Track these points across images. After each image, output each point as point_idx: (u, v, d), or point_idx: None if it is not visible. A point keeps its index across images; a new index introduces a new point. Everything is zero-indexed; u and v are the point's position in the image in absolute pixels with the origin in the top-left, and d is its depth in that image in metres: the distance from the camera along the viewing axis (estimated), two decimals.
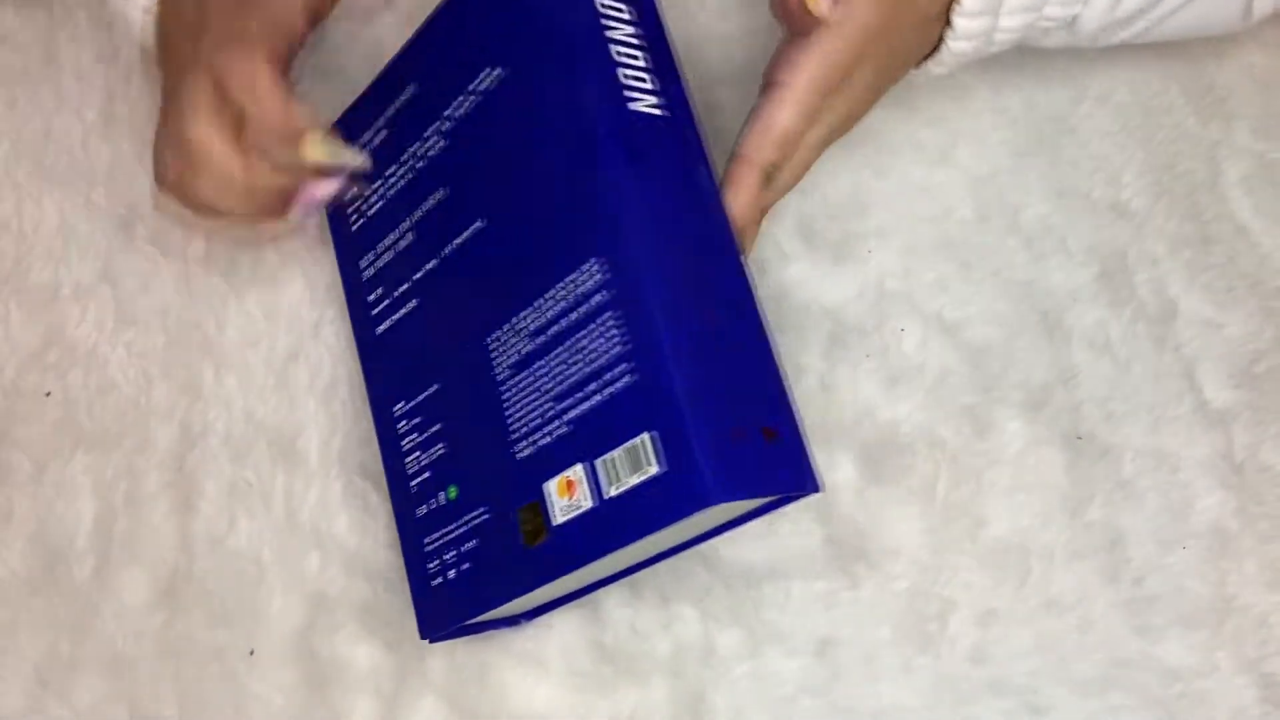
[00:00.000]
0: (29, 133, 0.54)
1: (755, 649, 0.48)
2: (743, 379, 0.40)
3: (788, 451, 0.40)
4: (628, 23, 0.44)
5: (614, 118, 0.41)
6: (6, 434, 0.51)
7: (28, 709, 0.48)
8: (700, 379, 0.39)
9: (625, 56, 0.43)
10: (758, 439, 0.39)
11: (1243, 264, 0.52)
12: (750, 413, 0.39)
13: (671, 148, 0.43)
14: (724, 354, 0.40)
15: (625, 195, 0.40)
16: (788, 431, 0.40)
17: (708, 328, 0.40)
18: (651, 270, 0.39)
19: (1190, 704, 0.48)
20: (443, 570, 0.45)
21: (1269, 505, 0.50)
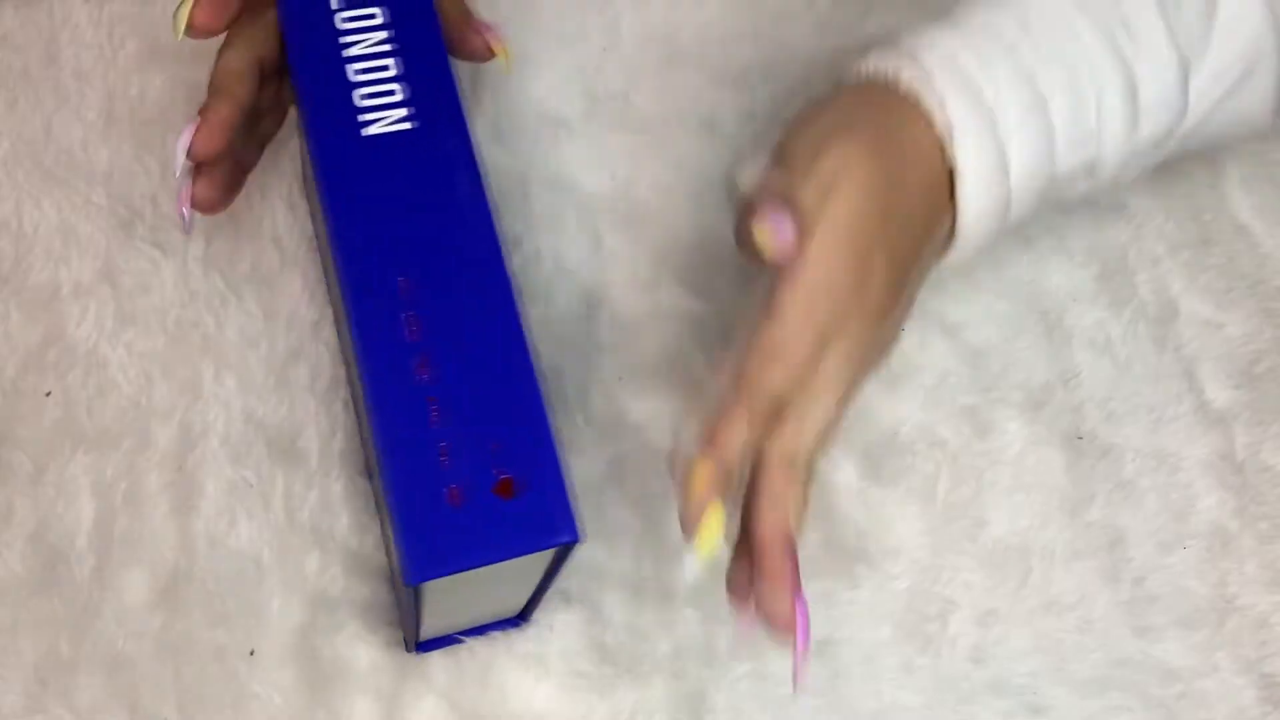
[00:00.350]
0: (29, 133, 0.54)
1: (755, 649, 0.48)
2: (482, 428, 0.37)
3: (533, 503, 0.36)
4: (378, 27, 0.42)
5: (337, 150, 0.40)
6: (6, 434, 0.51)
7: (27, 709, 0.48)
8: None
9: (366, 72, 0.42)
10: (486, 498, 0.36)
11: (1243, 264, 0.52)
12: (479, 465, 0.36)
13: (418, 161, 0.41)
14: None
15: (348, 228, 0.39)
16: (536, 479, 0.37)
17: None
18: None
19: (1190, 704, 0.48)
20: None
21: (1269, 505, 0.50)
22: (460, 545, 0.35)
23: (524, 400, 0.37)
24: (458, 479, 0.36)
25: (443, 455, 0.36)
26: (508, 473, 0.36)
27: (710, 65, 0.54)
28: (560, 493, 0.37)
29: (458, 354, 0.38)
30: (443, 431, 0.37)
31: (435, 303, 0.38)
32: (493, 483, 0.36)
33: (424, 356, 0.37)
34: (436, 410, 0.37)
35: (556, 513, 0.36)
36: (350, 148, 0.40)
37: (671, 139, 0.54)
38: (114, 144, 0.54)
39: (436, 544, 0.35)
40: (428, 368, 0.37)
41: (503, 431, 0.37)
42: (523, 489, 0.36)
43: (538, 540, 0.36)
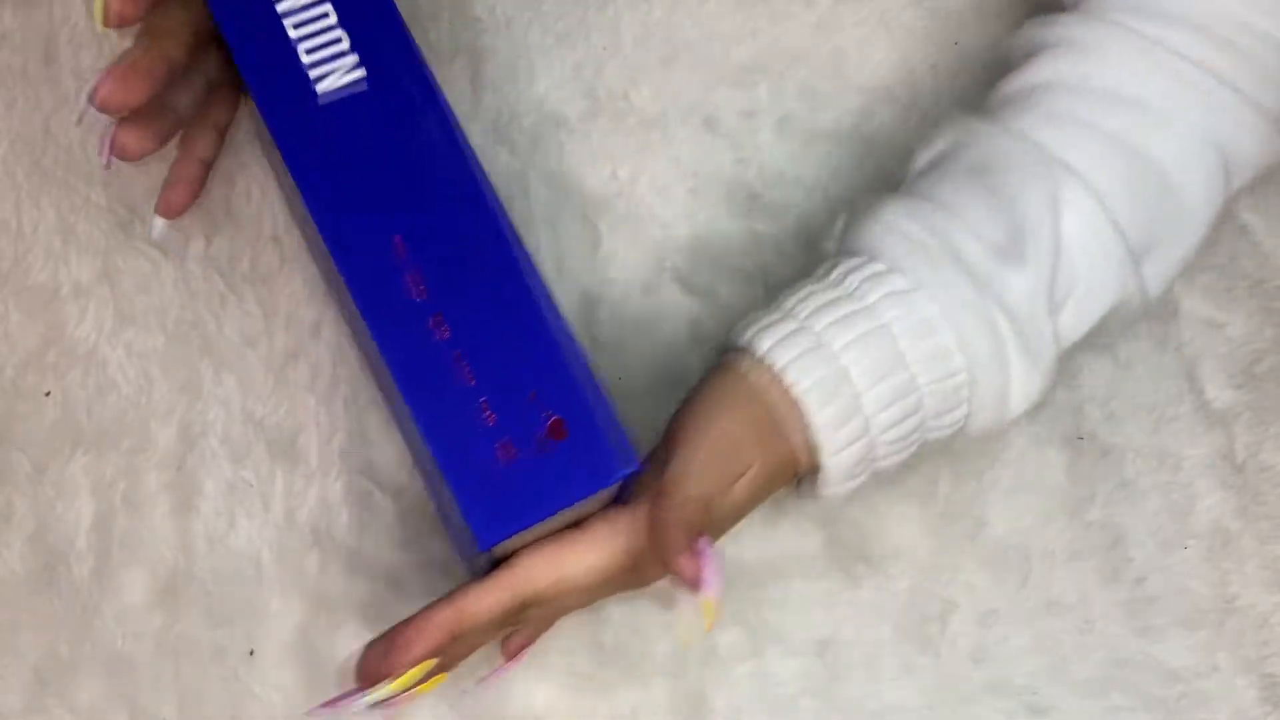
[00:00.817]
0: (28, 133, 0.54)
1: (756, 649, 0.48)
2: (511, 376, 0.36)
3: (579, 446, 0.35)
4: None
5: (292, 114, 0.38)
6: (6, 434, 0.51)
7: (27, 709, 0.48)
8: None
9: (308, 26, 0.39)
10: (539, 446, 0.35)
11: (1243, 264, 0.52)
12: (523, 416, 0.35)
13: (380, 114, 0.38)
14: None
15: (319, 194, 0.37)
16: (584, 416, 0.35)
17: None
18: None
19: (1191, 704, 0.48)
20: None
21: (1270, 505, 0.50)
22: (525, 499, 0.34)
23: (547, 340, 0.36)
24: (507, 432, 0.35)
25: (485, 411, 0.35)
26: (555, 414, 0.35)
27: (710, 65, 0.54)
28: (612, 425, 0.35)
29: (469, 304, 0.36)
30: (479, 388, 0.35)
31: (434, 256, 0.36)
32: (542, 428, 0.35)
33: (438, 314, 0.36)
34: (466, 367, 0.35)
35: (612, 447, 0.35)
36: (305, 110, 0.38)
37: (671, 138, 0.54)
38: None
39: (501, 503, 0.34)
40: (445, 325, 0.35)
41: (537, 375, 0.35)
42: (573, 427, 0.35)
43: (599, 479, 0.35)
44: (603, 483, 0.36)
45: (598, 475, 0.35)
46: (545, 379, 0.35)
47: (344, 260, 0.36)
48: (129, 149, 0.43)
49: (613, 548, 0.39)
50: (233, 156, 0.53)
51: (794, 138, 0.53)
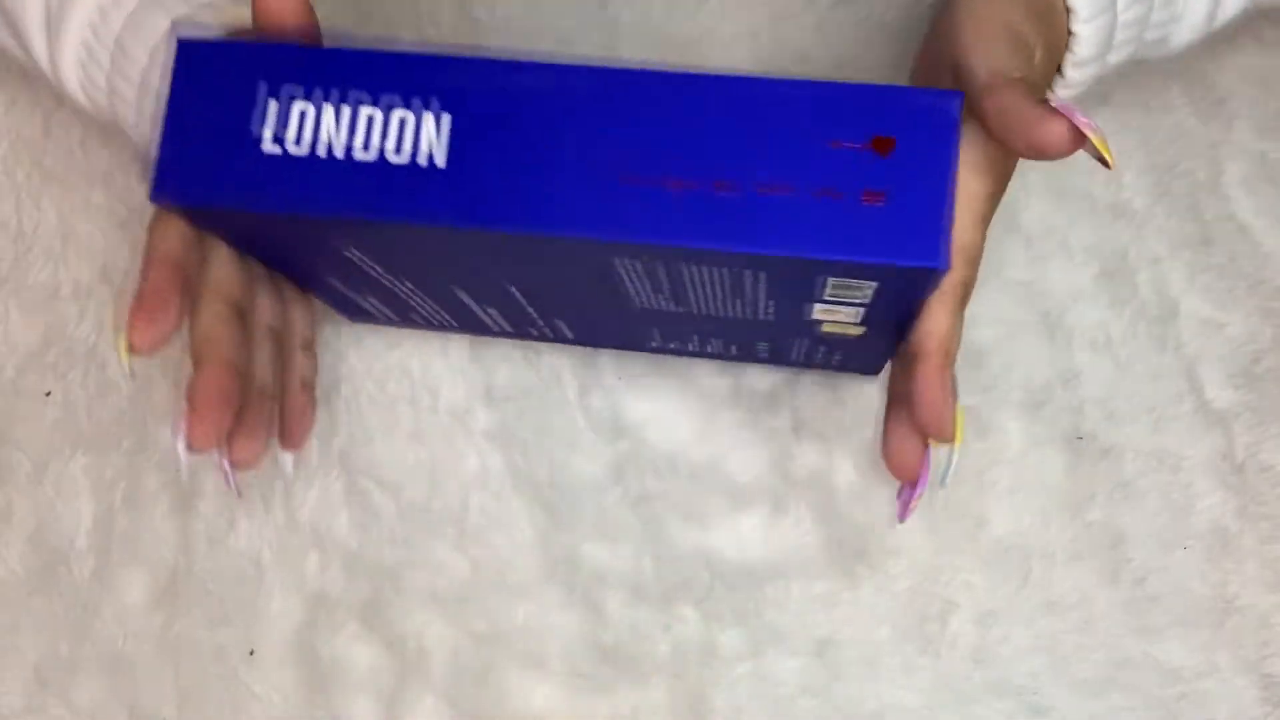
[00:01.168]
0: (29, 133, 0.54)
1: (755, 649, 0.48)
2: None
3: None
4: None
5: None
6: (6, 434, 0.51)
7: (27, 709, 0.48)
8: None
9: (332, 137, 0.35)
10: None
11: (1243, 264, 0.52)
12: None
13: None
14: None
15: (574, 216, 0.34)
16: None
17: None
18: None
19: (1191, 704, 0.48)
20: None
21: (1270, 505, 0.50)
22: (926, 199, 0.32)
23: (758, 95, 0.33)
24: (851, 185, 0.32)
25: (831, 195, 0.32)
26: (850, 140, 0.32)
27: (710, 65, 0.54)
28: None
29: (717, 148, 0.33)
30: (797, 185, 0.32)
31: (653, 142, 0.33)
32: (867, 153, 0.32)
33: (719, 181, 0.33)
34: (761, 189, 0.33)
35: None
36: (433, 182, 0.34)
37: None
38: (114, 144, 0.54)
39: (908, 232, 0.32)
40: (729, 181, 0.33)
41: (790, 133, 0.33)
42: (895, 133, 0.32)
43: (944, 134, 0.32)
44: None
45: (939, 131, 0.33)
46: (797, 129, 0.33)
47: (641, 228, 0.33)
48: (256, 455, 0.41)
49: (991, 177, 0.37)
50: None
51: None
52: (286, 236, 0.38)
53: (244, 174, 0.34)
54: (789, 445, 0.50)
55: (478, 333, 0.49)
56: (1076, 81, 0.42)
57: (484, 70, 0.34)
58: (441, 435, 0.50)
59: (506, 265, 0.38)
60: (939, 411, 0.36)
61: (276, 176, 0.34)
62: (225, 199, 0.35)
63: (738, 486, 0.50)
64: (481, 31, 0.55)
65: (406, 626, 0.49)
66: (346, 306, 0.47)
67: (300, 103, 0.34)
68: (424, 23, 0.55)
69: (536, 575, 0.49)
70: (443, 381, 0.51)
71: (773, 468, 0.50)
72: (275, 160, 0.34)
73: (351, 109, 0.34)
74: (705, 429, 0.50)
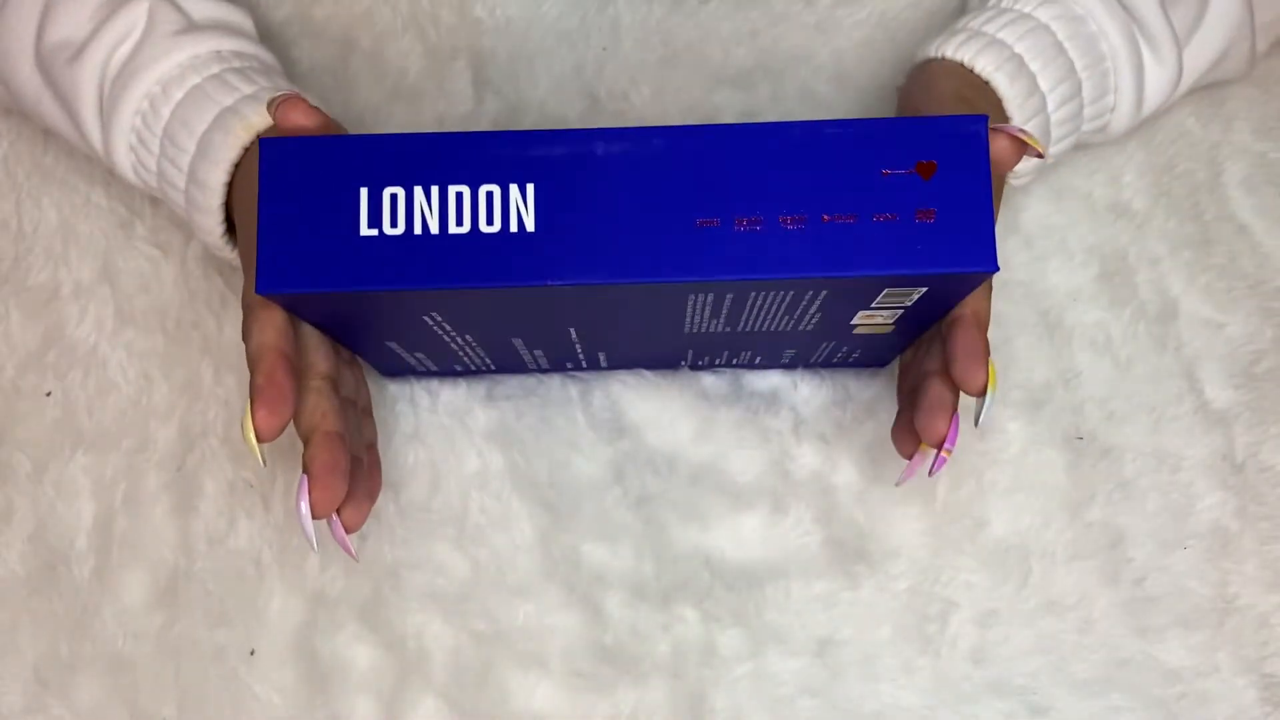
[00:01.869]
0: (29, 132, 0.54)
1: (755, 649, 0.48)
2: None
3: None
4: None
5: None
6: (6, 434, 0.51)
7: (27, 709, 0.48)
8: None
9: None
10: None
11: (1243, 264, 0.52)
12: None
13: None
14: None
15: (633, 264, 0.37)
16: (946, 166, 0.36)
17: None
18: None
19: (1191, 704, 0.48)
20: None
21: (1270, 505, 0.50)
22: (971, 216, 0.36)
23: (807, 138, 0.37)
24: (903, 206, 0.36)
25: (876, 218, 0.36)
26: (896, 168, 0.36)
27: (710, 65, 0.54)
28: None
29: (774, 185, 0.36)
30: (858, 208, 0.36)
31: (720, 183, 0.36)
32: (913, 179, 0.36)
33: (786, 215, 0.36)
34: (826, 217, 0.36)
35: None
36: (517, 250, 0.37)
37: None
38: None
39: (961, 239, 0.36)
40: (792, 217, 0.36)
41: (837, 165, 0.36)
42: (937, 159, 0.36)
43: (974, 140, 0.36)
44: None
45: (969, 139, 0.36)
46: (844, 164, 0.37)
47: (716, 267, 0.37)
48: (332, 503, 0.42)
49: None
50: None
51: None
52: (372, 309, 0.40)
53: (345, 259, 0.36)
54: (789, 445, 0.50)
55: (514, 372, 0.51)
56: (1026, 171, 0.48)
57: (558, 140, 0.37)
58: (441, 435, 0.50)
59: (579, 310, 0.40)
60: (977, 363, 0.40)
61: (376, 257, 0.36)
62: (329, 283, 0.37)
63: (738, 486, 0.50)
64: (482, 31, 0.55)
65: (406, 626, 0.49)
66: (391, 365, 0.49)
67: (391, 188, 0.37)
68: (424, 22, 0.55)
69: (536, 575, 0.49)
70: (443, 381, 0.51)
71: (773, 468, 0.50)
72: (373, 242, 0.36)
73: (440, 188, 0.37)
74: (705, 429, 0.50)
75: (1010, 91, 0.45)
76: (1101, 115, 0.49)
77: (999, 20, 0.47)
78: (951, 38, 0.47)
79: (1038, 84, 0.46)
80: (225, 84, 0.45)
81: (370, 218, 0.37)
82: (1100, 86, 0.47)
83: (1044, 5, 0.47)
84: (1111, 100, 0.48)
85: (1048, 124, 0.46)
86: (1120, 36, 0.47)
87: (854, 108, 0.54)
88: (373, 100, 0.54)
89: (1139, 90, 0.48)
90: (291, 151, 0.37)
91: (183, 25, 0.46)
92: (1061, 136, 0.47)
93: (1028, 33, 0.46)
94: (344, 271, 0.36)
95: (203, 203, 0.45)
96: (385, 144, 0.37)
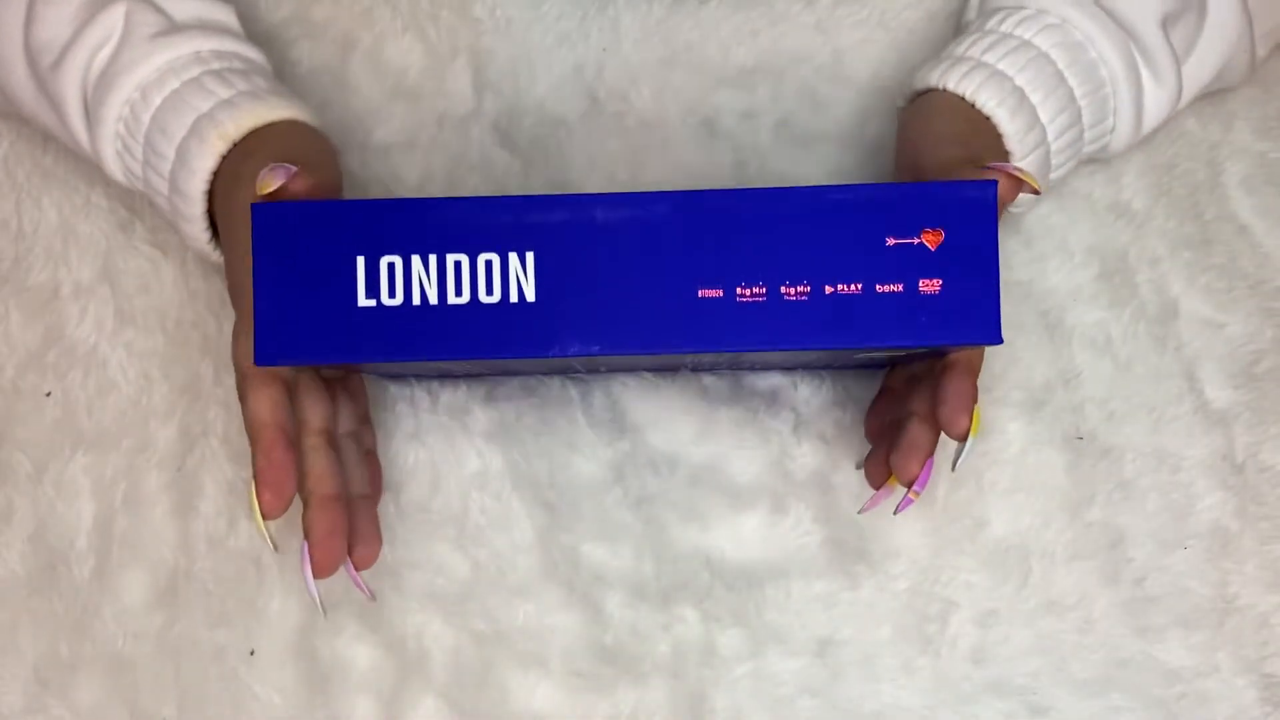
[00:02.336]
0: (29, 133, 0.54)
1: (756, 649, 0.48)
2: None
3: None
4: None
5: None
6: (6, 434, 0.51)
7: (27, 709, 0.48)
8: None
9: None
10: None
11: (1243, 264, 0.52)
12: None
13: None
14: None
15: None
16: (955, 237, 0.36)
17: None
18: None
19: (1191, 704, 0.48)
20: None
21: (1270, 506, 0.50)
22: (979, 275, 0.36)
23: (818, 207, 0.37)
24: (909, 275, 0.36)
25: (885, 286, 0.36)
26: (901, 237, 0.36)
27: (710, 65, 0.54)
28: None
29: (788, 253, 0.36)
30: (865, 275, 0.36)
31: (734, 250, 0.36)
32: (919, 246, 0.36)
33: (789, 284, 0.36)
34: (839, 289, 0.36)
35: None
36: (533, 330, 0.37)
37: (671, 139, 0.54)
38: None
39: (975, 311, 0.36)
40: (796, 287, 0.36)
41: (834, 240, 0.36)
42: (943, 227, 0.36)
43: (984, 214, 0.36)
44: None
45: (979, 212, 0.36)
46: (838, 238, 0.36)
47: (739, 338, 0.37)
48: (334, 561, 0.43)
49: None
50: None
51: (794, 139, 0.53)
52: (371, 366, 0.40)
53: (343, 330, 0.36)
54: (789, 445, 0.50)
55: (517, 376, 0.51)
56: (1023, 202, 0.49)
57: (557, 206, 0.36)
58: (441, 435, 0.50)
59: (579, 360, 0.40)
60: (963, 410, 0.40)
61: (375, 329, 0.36)
62: (327, 355, 0.36)
63: (738, 487, 0.50)
64: (482, 31, 0.55)
65: (406, 626, 0.49)
66: (393, 376, 0.49)
67: (388, 257, 0.36)
68: (424, 22, 0.55)
69: (536, 575, 0.49)
70: (443, 382, 0.51)
71: (773, 468, 0.50)
72: (371, 313, 0.36)
73: (439, 257, 0.36)
74: (705, 429, 0.50)
75: (1011, 128, 0.45)
76: (1101, 138, 0.49)
77: (1000, 49, 0.46)
78: (953, 68, 0.46)
79: (1038, 116, 0.46)
80: (202, 89, 0.44)
81: (368, 288, 0.36)
82: (1100, 111, 0.48)
83: (1043, 32, 0.46)
84: (1111, 123, 0.48)
85: (1048, 154, 0.46)
86: (1119, 61, 0.47)
87: (854, 108, 0.54)
88: (373, 100, 0.54)
89: (1138, 112, 0.48)
90: (286, 218, 0.36)
91: (162, 27, 0.46)
92: (1061, 163, 0.47)
93: (1029, 63, 0.46)
94: (342, 343, 0.36)
95: (185, 211, 0.45)
96: (381, 209, 0.36)
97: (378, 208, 0.36)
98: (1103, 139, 0.49)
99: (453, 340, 0.36)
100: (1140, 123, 0.49)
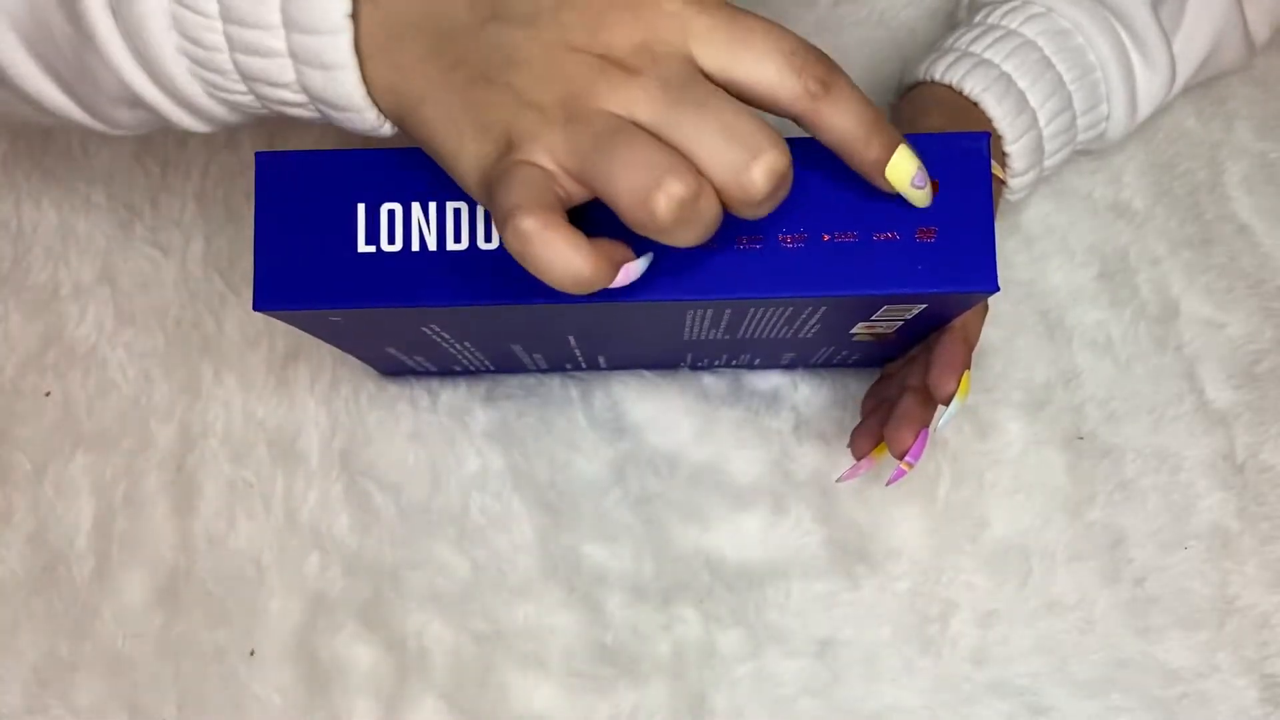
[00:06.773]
0: (28, 133, 0.54)
1: (756, 650, 0.48)
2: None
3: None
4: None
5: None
6: (6, 434, 0.51)
7: (28, 709, 0.48)
8: None
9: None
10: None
11: (1243, 264, 0.52)
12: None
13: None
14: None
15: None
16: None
17: None
18: None
19: (1191, 704, 0.48)
20: None
21: (1270, 505, 0.50)
22: (974, 232, 0.35)
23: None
24: (904, 226, 0.36)
25: (884, 234, 0.36)
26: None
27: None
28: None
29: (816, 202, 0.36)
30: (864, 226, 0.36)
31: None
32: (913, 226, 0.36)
33: (783, 234, 0.36)
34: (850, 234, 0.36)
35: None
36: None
37: None
38: (114, 144, 0.54)
39: (967, 260, 0.35)
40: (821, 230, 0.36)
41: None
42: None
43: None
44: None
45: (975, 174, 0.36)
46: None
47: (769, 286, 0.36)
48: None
49: None
50: (233, 154, 0.53)
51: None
52: (370, 322, 0.39)
53: (342, 276, 0.36)
54: (789, 445, 0.50)
55: (514, 372, 0.51)
56: (1022, 187, 0.48)
57: None
58: (441, 435, 0.50)
59: (577, 320, 0.40)
60: (951, 373, 0.41)
61: (374, 275, 0.36)
62: (326, 301, 0.36)
63: (738, 487, 0.50)
64: None
65: (406, 626, 0.49)
66: (389, 366, 0.49)
67: (388, 204, 0.36)
68: None
69: (536, 575, 0.49)
70: (443, 382, 0.51)
71: (773, 468, 0.50)
72: (371, 259, 0.36)
73: (438, 204, 0.36)
74: (705, 429, 0.50)
75: (998, 111, 0.45)
76: (1097, 124, 0.49)
77: (986, 39, 0.47)
78: (940, 59, 0.47)
79: (1027, 101, 0.46)
80: None
81: (368, 234, 0.36)
82: (1092, 97, 0.48)
83: (1030, 21, 0.47)
84: (1105, 109, 0.49)
85: (1040, 139, 0.47)
86: (1108, 46, 0.47)
87: None
88: None
89: (1131, 97, 0.48)
90: (288, 166, 0.36)
91: None
92: (1056, 149, 0.48)
93: (1014, 50, 0.46)
94: (341, 289, 0.36)
95: (329, 60, 0.32)
96: (382, 159, 0.36)
97: (380, 157, 0.36)
98: (1098, 125, 0.49)
99: (451, 286, 0.36)
100: (1135, 108, 0.49)
